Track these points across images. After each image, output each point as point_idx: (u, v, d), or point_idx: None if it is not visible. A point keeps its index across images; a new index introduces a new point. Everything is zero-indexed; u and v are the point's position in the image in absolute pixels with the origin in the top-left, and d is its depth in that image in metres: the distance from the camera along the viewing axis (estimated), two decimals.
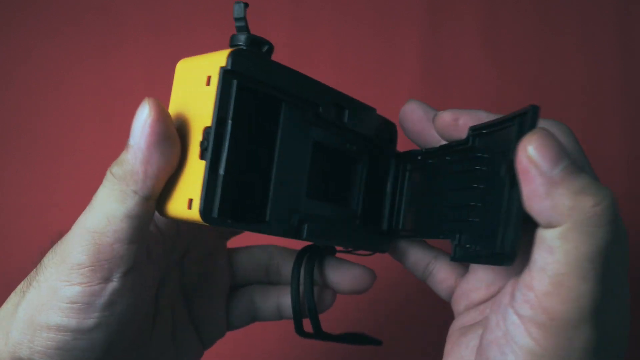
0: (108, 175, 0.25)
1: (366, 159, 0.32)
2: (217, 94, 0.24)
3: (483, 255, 0.25)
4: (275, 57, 0.25)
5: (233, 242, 0.35)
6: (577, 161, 0.22)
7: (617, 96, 0.55)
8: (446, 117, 0.28)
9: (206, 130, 0.24)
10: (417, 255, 0.32)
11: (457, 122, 0.28)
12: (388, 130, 0.32)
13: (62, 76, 0.52)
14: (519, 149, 0.21)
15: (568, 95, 0.55)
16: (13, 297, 0.27)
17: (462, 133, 0.28)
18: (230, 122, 0.24)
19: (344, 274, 0.33)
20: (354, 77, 0.53)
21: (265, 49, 0.27)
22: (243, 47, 0.26)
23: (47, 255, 0.26)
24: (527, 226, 0.23)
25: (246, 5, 0.27)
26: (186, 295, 0.33)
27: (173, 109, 0.27)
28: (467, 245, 0.27)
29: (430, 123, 0.30)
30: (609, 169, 0.54)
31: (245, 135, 0.26)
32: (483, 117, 0.27)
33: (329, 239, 0.30)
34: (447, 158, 0.30)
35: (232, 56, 0.24)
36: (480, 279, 0.29)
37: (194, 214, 0.24)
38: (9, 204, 0.50)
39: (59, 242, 0.26)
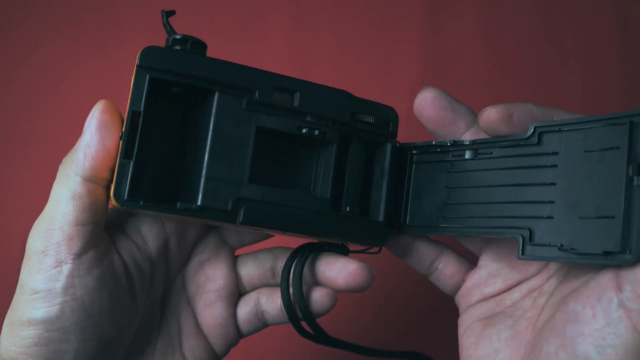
0: (60, 166, 0.27)
1: (348, 145, 0.31)
2: (131, 87, 0.27)
3: (586, 253, 0.25)
4: (275, 57, 0.26)
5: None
6: None
7: (617, 96, 0.55)
8: (498, 112, 0.27)
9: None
10: (423, 251, 0.32)
11: (512, 118, 0.27)
12: (381, 115, 0.32)
13: (62, 76, 0.52)
14: None
15: (568, 95, 0.55)
16: None
17: (515, 129, 0.28)
18: (142, 112, 0.27)
19: (339, 270, 0.31)
20: (354, 77, 0.53)
21: (188, 45, 0.28)
22: (175, 47, 0.28)
23: None
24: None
25: (169, 13, 0.30)
26: (192, 303, 0.33)
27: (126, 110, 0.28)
28: (548, 243, 0.26)
29: (455, 113, 0.30)
30: None
31: (168, 123, 0.29)
32: (535, 111, 0.27)
33: (277, 226, 0.29)
34: (492, 154, 0.29)
35: (142, 53, 0.27)
36: (494, 274, 0.30)
37: (112, 198, 0.27)
38: (9, 204, 0.50)
39: None
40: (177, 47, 0.28)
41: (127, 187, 0.26)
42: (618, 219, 0.23)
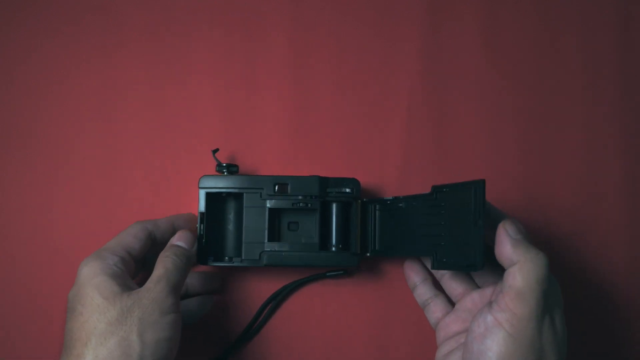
0: (174, 258, 0.42)
1: (331, 206, 0.47)
2: (198, 199, 0.47)
3: (459, 265, 0.41)
4: (275, 57, 0.25)
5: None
6: (528, 237, 0.38)
7: (617, 96, 0.55)
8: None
9: None
10: (424, 289, 0.48)
11: None
12: (347, 184, 0.47)
13: (62, 76, 0.52)
14: (500, 226, 0.38)
15: (568, 95, 0.55)
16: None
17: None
18: (204, 211, 0.46)
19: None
20: (354, 77, 0.53)
21: (226, 169, 0.47)
22: (222, 171, 0.48)
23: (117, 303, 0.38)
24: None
25: (215, 151, 0.48)
26: None
27: None
28: (444, 259, 0.42)
29: (423, 275, 0.48)
30: (609, 168, 0.54)
31: (222, 214, 0.48)
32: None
33: (286, 263, 0.46)
34: (414, 204, 0.45)
35: (200, 180, 0.47)
36: (459, 316, 0.45)
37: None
38: (9, 204, 0.50)
39: (141, 292, 0.39)
40: (224, 171, 0.47)
41: (198, 254, 0.45)
42: (468, 245, 0.39)
